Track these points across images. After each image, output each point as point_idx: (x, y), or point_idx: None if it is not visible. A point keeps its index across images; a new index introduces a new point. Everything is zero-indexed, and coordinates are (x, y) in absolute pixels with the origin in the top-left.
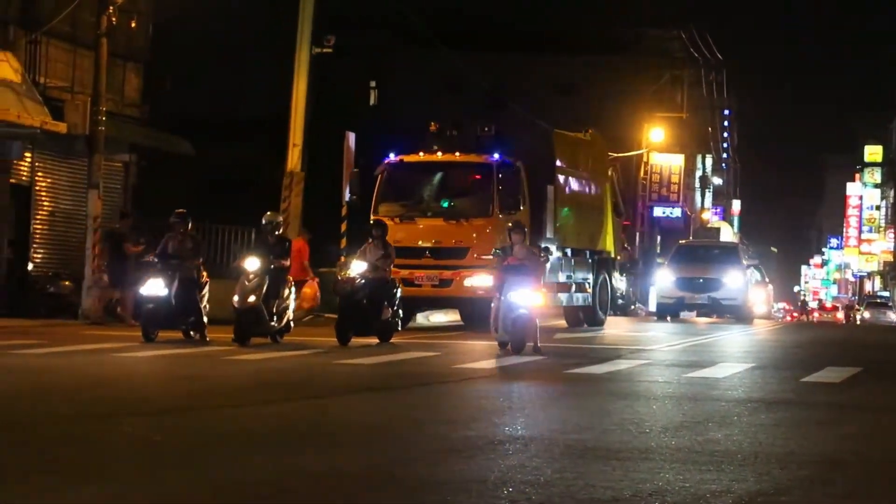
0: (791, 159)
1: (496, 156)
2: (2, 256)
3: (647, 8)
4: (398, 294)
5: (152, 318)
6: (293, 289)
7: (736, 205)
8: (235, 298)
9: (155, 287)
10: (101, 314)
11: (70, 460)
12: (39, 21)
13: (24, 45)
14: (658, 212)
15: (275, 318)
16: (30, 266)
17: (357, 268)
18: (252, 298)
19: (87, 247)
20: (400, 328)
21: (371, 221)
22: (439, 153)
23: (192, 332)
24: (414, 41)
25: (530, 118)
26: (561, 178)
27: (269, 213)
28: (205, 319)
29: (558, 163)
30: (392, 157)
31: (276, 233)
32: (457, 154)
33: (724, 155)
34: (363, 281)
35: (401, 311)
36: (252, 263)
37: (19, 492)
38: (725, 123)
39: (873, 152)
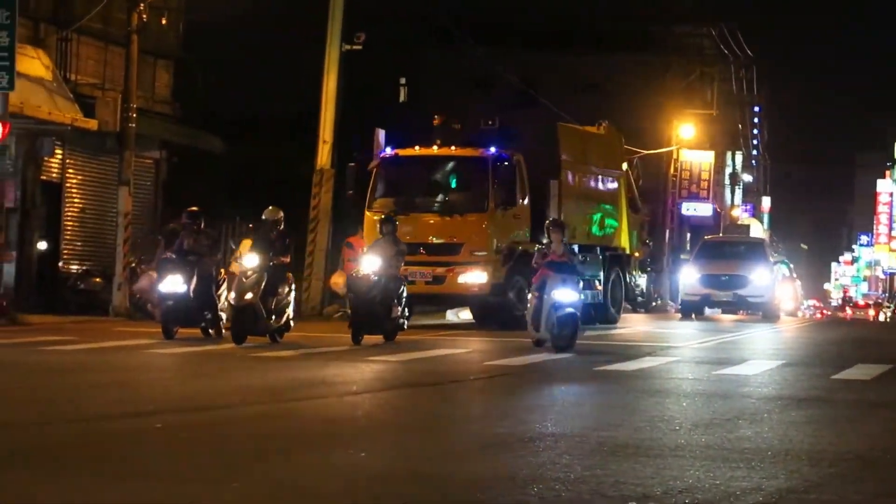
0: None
1: (493, 150)
2: (33, 253)
3: (676, 5)
4: (405, 292)
5: (172, 314)
6: (293, 286)
7: (766, 202)
8: (232, 295)
9: (174, 284)
10: (130, 309)
11: (108, 456)
12: (70, 18)
13: (55, 43)
14: (687, 209)
15: (273, 317)
16: (60, 263)
17: (370, 264)
18: (249, 296)
19: (118, 243)
20: (406, 327)
21: (382, 217)
22: (435, 147)
23: (210, 330)
24: (443, 38)
25: (560, 115)
26: (567, 172)
27: (270, 208)
28: (222, 316)
29: (563, 156)
30: (388, 150)
31: (278, 228)
32: (452, 148)
33: (754, 152)
34: (376, 278)
35: (407, 311)
36: (250, 260)
37: (72, 486)
38: (755, 120)
39: None
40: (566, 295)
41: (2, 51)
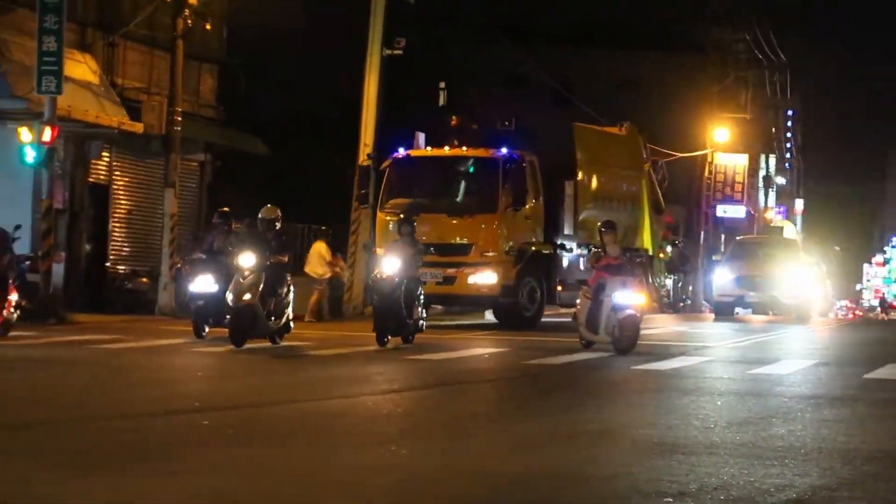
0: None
1: (504, 150)
2: (81, 254)
3: (713, 8)
4: (422, 294)
5: (202, 314)
6: (292, 287)
7: (799, 204)
8: (229, 297)
9: (204, 284)
10: (175, 308)
11: (159, 452)
12: (117, 23)
13: (101, 48)
14: (722, 211)
15: (273, 318)
16: (107, 263)
17: (390, 265)
18: (248, 296)
19: (164, 244)
20: (424, 328)
21: (400, 218)
22: (446, 148)
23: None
24: (481, 39)
25: (593, 115)
26: (584, 172)
27: (267, 206)
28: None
29: (579, 157)
30: (400, 151)
31: (276, 227)
32: (463, 148)
33: (788, 155)
34: (398, 280)
35: (425, 311)
36: (247, 259)
37: (118, 480)
38: (789, 124)
39: None
40: (627, 297)
41: (50, 55)
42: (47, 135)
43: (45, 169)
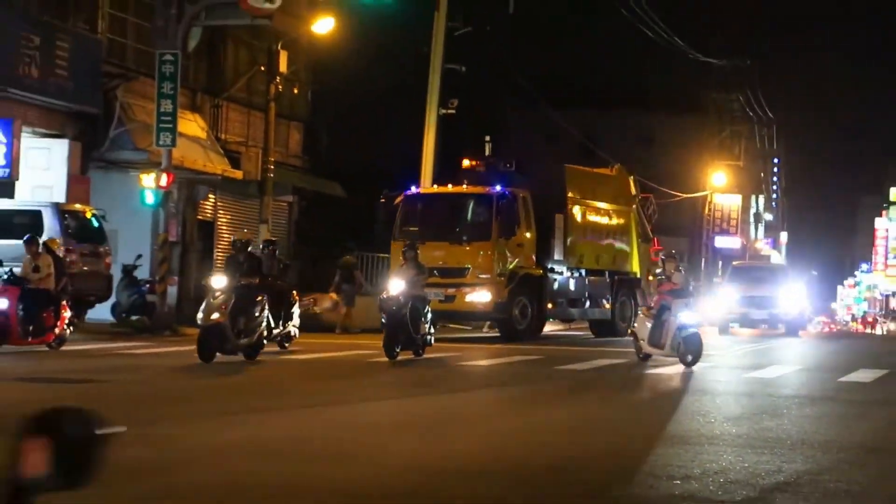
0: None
1: (498, 188)
2: (191, 278)
3: (712, 75)
4: (429, 311)
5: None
6: (266, 306)
7: (783, 236)
8: (199, 315)
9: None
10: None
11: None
12: (221, 89)
13: (208, 109)
14: (719, 242)
15: (243, 336)
16: None
17: (396, 286)
18: (216, 315)
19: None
20: (433, 342)
21: (406, 245)
22: (449, 185)
23: (286, 344)
24: (521, 100)
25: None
26: (573, 207)
27: (244, 231)
28: (292, 332)
29: (570, 194)
30: (412, 189)
31: (247, 252)
32: (463, 186)
33: (774, 195)
34: (403, 298)
35: (432, 328)
36: (218, 281)
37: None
38: (775, 169)
39: None
40: (691, 317)
41: (166, 115)
42: (164, 181)
43: (161, 209)
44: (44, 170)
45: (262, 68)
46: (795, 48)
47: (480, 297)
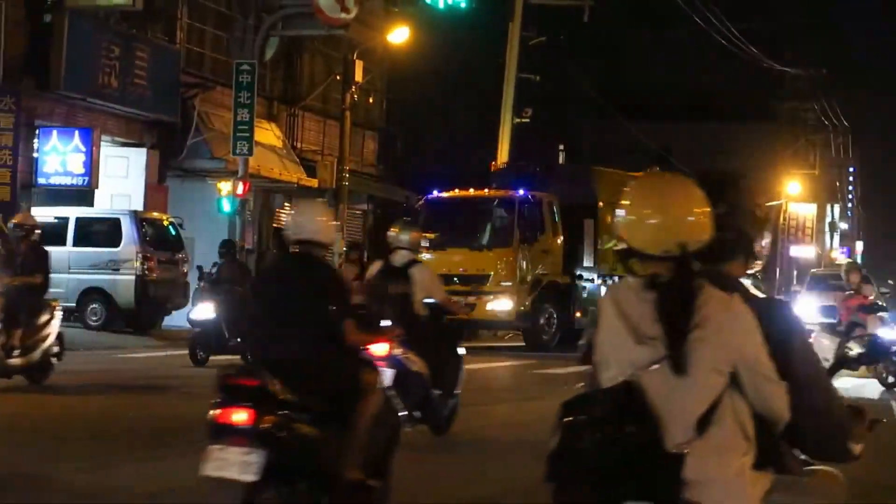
0: None
1: (521, 191)
2: None
3: (786, 84)
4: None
5: (200, 342)
6: (56, 315)
7: (859, 245)
8: None
9: (203, 311)
10: None
11: None
12: (297, 98)
13: (284, 118)
14: (795, 251)
15: (19, 354)
16: None
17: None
18: None
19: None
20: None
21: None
22: (471, 189)
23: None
24: (593, 109)
25: (690, 174)
26: (604, 212)
27: (22, 212)
28: None
29: (600, 197)
30: (434, 192)
31: (30, 240)
32: (486, 190)
33: (850, 204)
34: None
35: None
36: None
37: None
38: (851, 178)
39: None
40: (892, 334)
41: (243, 125)
42: (240, 189)
43: (238, 216)
44: (122, 178)
45: (338, 77)
46: (870, 56)
47: (502, 305)
